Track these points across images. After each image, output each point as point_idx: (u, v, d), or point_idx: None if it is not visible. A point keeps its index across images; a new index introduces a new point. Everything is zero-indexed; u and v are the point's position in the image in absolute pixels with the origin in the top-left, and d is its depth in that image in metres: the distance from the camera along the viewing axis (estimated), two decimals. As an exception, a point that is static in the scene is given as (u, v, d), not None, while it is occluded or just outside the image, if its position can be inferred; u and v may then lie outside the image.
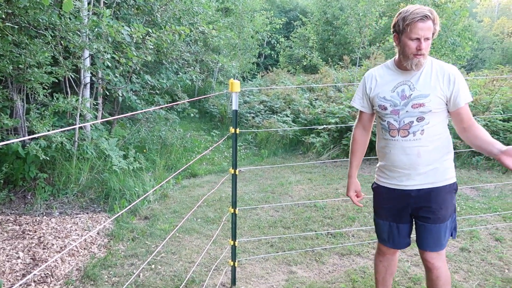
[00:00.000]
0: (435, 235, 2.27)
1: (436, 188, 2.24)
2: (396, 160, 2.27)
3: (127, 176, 5.55)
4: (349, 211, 4.76)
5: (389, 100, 2.24)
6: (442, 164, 2.24)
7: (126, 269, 3.54)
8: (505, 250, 3.70)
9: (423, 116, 2.17)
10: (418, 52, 2.12)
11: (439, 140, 2.23)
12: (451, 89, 2.15)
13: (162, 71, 7.43)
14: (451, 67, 2.21)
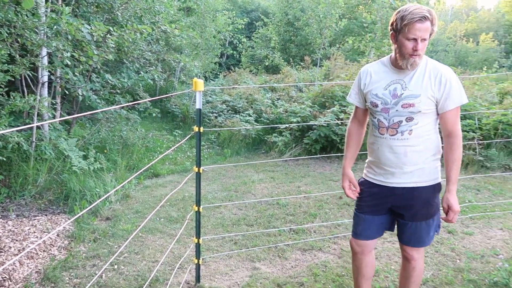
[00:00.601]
0: (417, 232, 2.34)
1: (420, 188, 2.27)
2: (383, 157, 2.31)
3: (88, 176, 5.44)
4: (311, 208, 4.87)
5: (381, 97, 2.26)
6: (428, 164, 2.26)
7: (88, 270, 3.49)
8: (457, 241, 3.90)
9: (412, 116, 2.19)
10: (414, 53, 2.11)
11: (427, 141, 2.24)
12: (441, 91, 2.15)
13: (123, 70, 7.32)
14: (446, 69, 2.20)
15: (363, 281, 2.60)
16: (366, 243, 2.50)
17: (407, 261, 2.46)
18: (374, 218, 2.43)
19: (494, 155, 6.45)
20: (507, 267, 3.24)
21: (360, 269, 2.57)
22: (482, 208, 4.77)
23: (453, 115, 2.18)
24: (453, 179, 2.19)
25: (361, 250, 2.52)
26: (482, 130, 6.88)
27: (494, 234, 4.08)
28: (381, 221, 2.44)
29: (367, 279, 2.60)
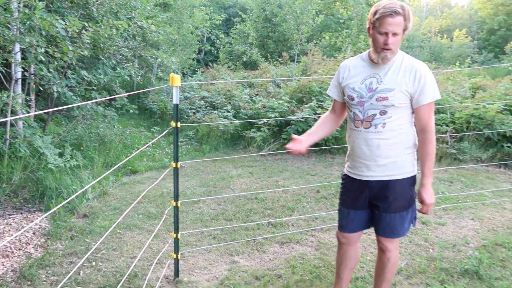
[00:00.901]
0: (390, 223, 2.39)
1: (393, 181, 2.32)
2: (358, 150, 2.36)
3: (64, 174, 5.38)
4: (289, 202, 4.92)
5: (357, 91, 2.30)
6: (402, 158, 2.31)
7: (65, 268, 3.47)
8: (430, 232, 4.01)
9: (386, 110, 2.23)
10: (385, 47, 2.16)
11: (401, 135, 2.29)
12: (416, 87, 2.19)
13: (99, 66, 7.22)
14: (421, 64, 2.25)
15: (345, 271, 2.67)
16: (351, 235, 2.57)
17: (382, 252, 2.53)
18: (356, 213, 2.49)
19: (466, 148, 6.62)
20: (477, 255, 3.35)
21: (344, 259, 2.64)
22: (454, 199, 4.90)
23: (426, 110, 2.23)
24: (427, 173, 2.25)
25: (347, 241, 2.59)
26: (455, 123, 7.06)
27: (466, 224, 4.21)
28: (364, 215, 2.49)
29: (349, 269, 2.67)
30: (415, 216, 2.48)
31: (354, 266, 2.68)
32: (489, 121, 6.72)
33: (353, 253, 2.63)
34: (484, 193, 5.13)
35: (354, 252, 2.63)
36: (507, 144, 6.53)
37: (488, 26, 36.98)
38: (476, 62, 28.79)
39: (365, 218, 2.50)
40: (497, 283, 3.06)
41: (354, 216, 2.49)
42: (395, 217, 2.37)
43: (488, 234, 3.95)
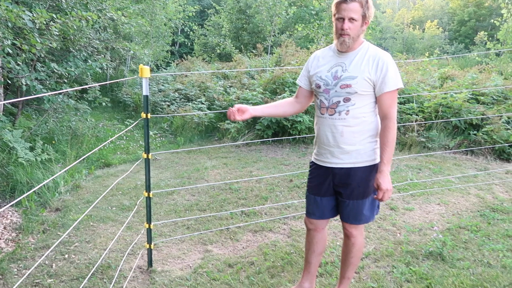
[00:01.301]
0: (353, 210, 2.47)
1: (356, 168, 2.39)
2: (323, 136, 2.43)
3: (35, 168, 5.32)
4: (262, 192, 4.99)
5: (324, 79, 2.37)
6: (365, 146, 2.37)
7: (37, 261, 3.45)
8: (398, 217, 4.14)
9: (350, 97, 2.29)
10: (342, 32, 2.24)
11: (364, 123, 2.35)
12: (378, 75, 2.26)
13: (70, 59, 7.11)
14: (385, 54, 2.30)
15: (313, 256, 2.74)
16: (318, 222, 2.65)
17: (348, 238, 2.61)
18: (322, 199, 2.56)
19: (435, 136, 6.81)
20: (441, 238, 3.49)
21: (312, 244, 2.72)
22: (422, 185, 5.06)
23: (388, 98, 2.30)
24: (385, 160, 2.31)
25: (314, 227, 2.67)
26: (424, 112, 7.24)
27: (432, 209, 4.36)
28: (330, 202, 2.56)
29: (317, 254, 2.74)
30: (378, 205, 2.57)
31: (321, 251, 2.76)
32: (456, 110, 6.92)
33: (321, 239, 2.70)
34: (451, 179, 5.30)
35: (322, 238, 2.71)
36: (474, 132, 6.74)
37: (459, 17, 37.79)
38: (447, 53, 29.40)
39: (331, 205, 2.57)
40: (459, 264, 3.20)
41: (320, 203, 2.57)
42: (358, 203, 2.45)
43: (453, 218, 4.10)
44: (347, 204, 2.47)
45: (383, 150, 2.31)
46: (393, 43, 34.65)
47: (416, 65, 10.93)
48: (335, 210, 2.60)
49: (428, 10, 47.60)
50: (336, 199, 2.55)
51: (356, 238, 2.58)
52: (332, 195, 2.54)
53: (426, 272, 3.09)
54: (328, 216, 2.62)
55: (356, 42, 2.32)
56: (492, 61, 12.75)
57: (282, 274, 3.16)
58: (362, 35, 2.34)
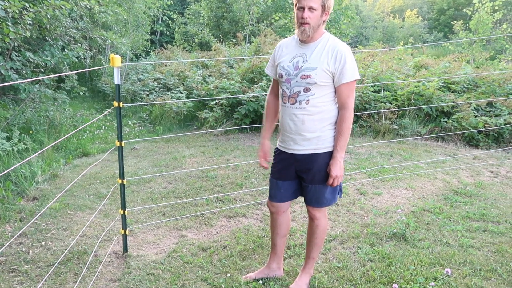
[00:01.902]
0: (315, 193, 2.60)
1: (317, 154, 2.51)
2: (285, 124, 2.55)
3: (12, 158, 5.34)
4: (238, 179, 5.11)
5: (286, 69, 2.48)
6: (325, 133, 2.48)
7: (14, 248, 3.52)
8: (367, 201, 4.31)
9: (309, 87, 2.40)
10: (302, 21, 2.33)
11: (324, 112, 2.45)
12: (336, 66, 2.35)
13: (46, 48, 7.08)
14: (343, 45, 2.39)
15: (278, 238, 2.88)
16: (280, 205, 2.77)
17: (311, 220, 2.75)
18: (283, 183, 2.69)
19: (407, 124, 7.01)
20: (404, 220, 3.66)
21: (275, 227, 2.86)
22: (392, 171, 5.24)
23: (346, 89, 2.41)
24: (338, 147, 2.45)
25: (276, 210, 2.80)
26: (397, 100, 7.43)
27: (400, 193, 4.55)
28: (291, 186, 2.69)
29: (281, 236, 2.88)
30: (341, 188, 2.70)
31: (285, 233, 2.89)
32: (428, 98, 7.12)
33: (284, 221, 2.83)
34: (420, 165, 5.50)
35: (284, 220, 2.83)
36: (444, 119, 6.96)
37: (438, 6, 38.19)
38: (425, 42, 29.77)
39: (293, 189, 2.70)
40: (420, 244, 3.38)
41: (281, 186, 2.70)
42: (319, 188, 2.58)
43: (418, 202, 4.29)
44: (309, 188, 2.60)
45: (338, 138, 2.45)
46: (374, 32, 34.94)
47: (392, 53, 11.14)
48: (295, 193, 2.73)
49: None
50: (298, 184, 2.68)
51: (320, 220, 2.71)
52: (294, 179, 2.67)
53: (388, 252, 3.26)
54: (288, 199, 2.75)
55: (317, 33, 2.41)
56: (464, 50, 13.06)
57: (253, 257, 3.30)
58: (323, 26, 2.43)
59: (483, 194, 4.52)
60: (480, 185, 4.81)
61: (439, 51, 20.43)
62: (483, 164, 5.65)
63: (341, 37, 13.23)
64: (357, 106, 7.36)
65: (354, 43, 28.43)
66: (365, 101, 7.37)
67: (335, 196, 2.67)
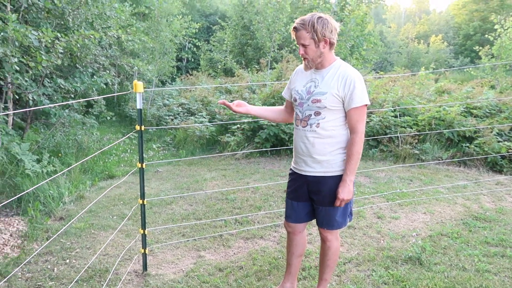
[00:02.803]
0: (326, 216, 2.68)
1: (327, 177, 2.60)
2: (297, 146, 2.67)
3: (41, 179, 5.57)
4: (257, 202, 5.19)
5: (299, 93, 2.62)
6: (335, 157, 2.57)
7: (40, 266, 3.67)
8: (384, 225, 4.32)
9: (320, 111, 2.51)
10: (302, 56, 2.52)
11: (334, 136, 2.54)
12: (346, 91, 2.44)
13: (76, 74, 7.43)
14: (353, 72, 2.49)
15: (293, 258, 2.95)
16: (296, 225, 2.85)
17: (323, 242, 2.82)
18: (298, 204, 2.78)
19: (428, 149, 6.99)
20: (419, 244, 3.66)
21: (291, 247, 2.92)
22: (411, 195, 5.24)
23: (355, 114, 2.49)
24: (347, 170, 2.52)
25: (292, 230, 2.88)
26: (418, 125, 7.43)
27: (418, 217, 4.54)
28: (305, 207, 2.78)
29: (296, 256, 2.94)
30: (351, 212, 2.75)
31: (301, 253, 2.95)
32: (449, 123, 7.10)
33: (300, 241, 2.90)
34: (440, 190, 5.47)
35: (301, 241, 2.91)
36: (466, 144, 6.91)
37: (464, 32, 37.97)
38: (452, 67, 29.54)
39: (307, 210, 2.78)
40: (436, 268, 3.38)
41: (296, 207, 2.78)
42: (329, 210, 2.65)
43: (436, 226, 4.27)
44: (320, 210, 2.68)
45: (348, 161, 2.52)
46: (398, 57, 34.89)
47: (414, 79, 11.15)
48: (310, 214, 2.80)
49: (434, 25, 47.95)
50: (311, 205, 2.76)
51: (332, 242, 2.77)
52: (307, 200, 2.75)
53: (403, 275, 3.27)
54: (304, 220, 2.83)
55: (325, 60, 2.54)
56: (487, 76, 12.96)
57: (268, 278, 3.35)
58: (330, 53, 2.54)
59: (503, 219, 4.47)
60: (501, 210, 4.75)
61: (463, 76, 20.26)
62: (505, 190, 5.57)
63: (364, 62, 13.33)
64: (377, 130, 7.39)
65: (378, 68, 28.46)
66: (385, 126, 7.40)
67: (345, 219, 2.72)
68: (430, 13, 58.78)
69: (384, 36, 38.29)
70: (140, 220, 4.21)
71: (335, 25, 2.50)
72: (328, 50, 2.52)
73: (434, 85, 10.30)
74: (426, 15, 54.56)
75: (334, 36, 2.50)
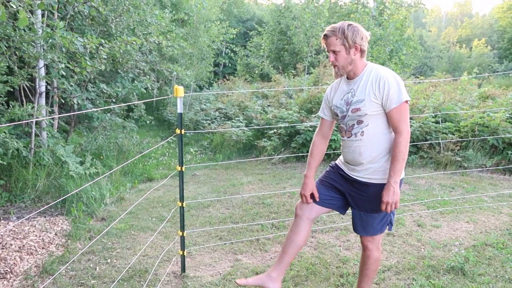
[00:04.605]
0: (362, 221, 2.63)
1: (374, 184, 2.54)
2: (345, 157, 2.64)
3: (84, 181, 5.76)
4: (293, 206, 5.16)
5: (339, 107, 2.59)
6: (382, 164, 2.50)
7: (83, 264, 3.79)
8: (424, 233, 4.21)
9: (361, 119, 2.47)
10: (332, 63, 2.51)
11: (379, 141, 2.49)
12: (382, 93, 2.39)
13: (118, 79, 7.66)
14: (386, 71, 2.44)
15: (291, 247, 2.70)
16: (308, 208, 2.68)
17: (363, 250, 2.77)
18: (325, 189, 2.68)
19: (471, 156, 6.77)
20: (463, 253, 3.55)
21: (294, 233, 2.70)
22: (453, 204, 5.08)
23: (396, 113, 2.42)
24: (392, 172, 2.43)
25: (302, 213, 2.69)
26: (460, 132, 7.21)
27: (460, 226, 4.40)
28: (331, 194, 2.67)
29: (295, 245, 2.69)
30: (391, 221, 2.67)
31: (301, 244, 2.71)
32: (494, 129, 6.86)
33: (304, 229, 2.68)
34: (483, 198, 5.29)
35: (305, 229, 2.68)
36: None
37: (509, 35, 36.59)
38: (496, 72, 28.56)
39: (330, 197, 2.68)
40: (480, 279, 3.26)
41: (320, 190, 2.68)
42: (367, 216, 2.60)
43: (480, 236, 4.13)
44: (357, 214, 2.64)
45: (392, 163, 2.43)
46: (439, 62, 34.02)
47: (456, 84, 10.85)
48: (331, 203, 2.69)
49: (476, 28, 46.50)
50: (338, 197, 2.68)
51: (372, 252, 2.71)
52: (336, 192, 2.68)
53: (445, 285, 3.17)
54: (321, 204, 2.68)
55: (357, 68, 2.50)
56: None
57: (305, 283, 3.33)
58: (361, 60, 2.50)
59: (553, 230, 4.27)
60: (550, 221, 4.54)
61: (508, 81, 19.52)
62: (555, 199, 5.33)
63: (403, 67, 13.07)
64: (417, 136, 7.23)
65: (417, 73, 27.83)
66: (425, 132, 7.22)
67: (382, 227, 2.65)
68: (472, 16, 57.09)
69: (424, 41, 37.44)
70: (179, 222, 4.28)
71: (365, 33, 2.49)
72: (359, 57, 2.49)
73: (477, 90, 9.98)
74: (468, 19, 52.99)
75: (365, 43, 2.48)
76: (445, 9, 59.44)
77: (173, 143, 9.82)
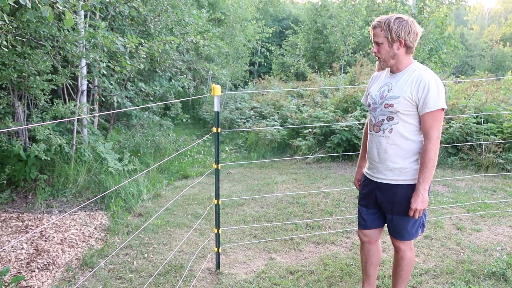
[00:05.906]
0: (396, 225, 2.58)
1: (400, 185, 2.49)
2: (370, 151, 2.61)
3: (122, 177, 5.91)
4: (328, 206, 5.14)
5: (373, 98, 2.55)
6: (408, 165, 2.45)
7: (121, 258, 3.90)
8: (464, 237, 4.09)
9: (392, 116, 2.42)
10: (375, 55, 2.48)
11: (408, 142, 2.43)
12: (419, 95, 2.33)
13: (156, 78, 7.82)
14: (429, 74, 2.37)
15: (371, 268, 2.87)
16: (370, 233, 2.77)
17: (396, 252, 2.72)
18: (368, 211, 2.71)
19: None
20: (505, 258, 3.42)
21: (368, 256, 2.84)
22: (494, 207, 4.91)
23: (429, 118, 2.34)
24: (420, 179, 2.37)
25: (367, 239, 2.80)
26: (503, 133, 6.95)
27: (502, 231, 4.24)
28: (375, 212, 2.69)
29: (374, 266, 2.86)
30: (423, 224, 2.62)
31: (377, 263, 2.87)
32: (540, 131, 6.59)
33: (375, 251, 2.82)
34: (528, 202, 5.09)
35: (376, 250, 2.82)
36: (559, 154, 6.36)
37: (556, 32, 35.03)
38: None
39: (376, 215, 2.70)
40: (523, 286, 3.14)
41: (367, 214, 2.71)
42: (399, 219, 2.54)
43: (524, 241, 3.97)
44: (390, 219, 2.59)
45: (421, 169, 2.37)
46: (481, 60, 32.87)
47: (500, 83, 10.46)
48: (382, 221, 2.71)
49: (522, 25, 44.64)
50: (381, 212, 2.68)
51: (405, 253, 2.66)
52: (376, 206, 2.67)
53: (485, 291, 3.07)
54: (376, 226, 2.74)
55: (401, 63, 2.44)
56: None
57: (340, 284, 3.30)
58: (406, 57, 2.43)
59: None
60: None
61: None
62: None
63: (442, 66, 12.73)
64: (457, 137, 7.03)
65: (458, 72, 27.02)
66: (466, 133, 7.00)
67: (416, 230, 2.60)
68: (517, 13, 54.80)
69: (465, 39, 36.27)
70: (214, 219, 4.33)
71: (416, 29, 2.39)
72: (404, 53, 2.42)
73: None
74: (513, 16, 50.92)
75: (412, 39, 2.39)
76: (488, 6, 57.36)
77: (208, 141, 9.93)
